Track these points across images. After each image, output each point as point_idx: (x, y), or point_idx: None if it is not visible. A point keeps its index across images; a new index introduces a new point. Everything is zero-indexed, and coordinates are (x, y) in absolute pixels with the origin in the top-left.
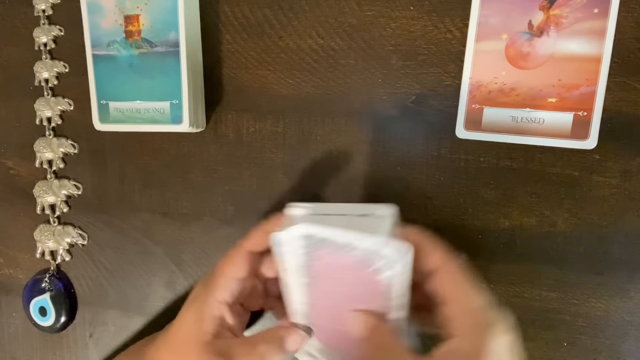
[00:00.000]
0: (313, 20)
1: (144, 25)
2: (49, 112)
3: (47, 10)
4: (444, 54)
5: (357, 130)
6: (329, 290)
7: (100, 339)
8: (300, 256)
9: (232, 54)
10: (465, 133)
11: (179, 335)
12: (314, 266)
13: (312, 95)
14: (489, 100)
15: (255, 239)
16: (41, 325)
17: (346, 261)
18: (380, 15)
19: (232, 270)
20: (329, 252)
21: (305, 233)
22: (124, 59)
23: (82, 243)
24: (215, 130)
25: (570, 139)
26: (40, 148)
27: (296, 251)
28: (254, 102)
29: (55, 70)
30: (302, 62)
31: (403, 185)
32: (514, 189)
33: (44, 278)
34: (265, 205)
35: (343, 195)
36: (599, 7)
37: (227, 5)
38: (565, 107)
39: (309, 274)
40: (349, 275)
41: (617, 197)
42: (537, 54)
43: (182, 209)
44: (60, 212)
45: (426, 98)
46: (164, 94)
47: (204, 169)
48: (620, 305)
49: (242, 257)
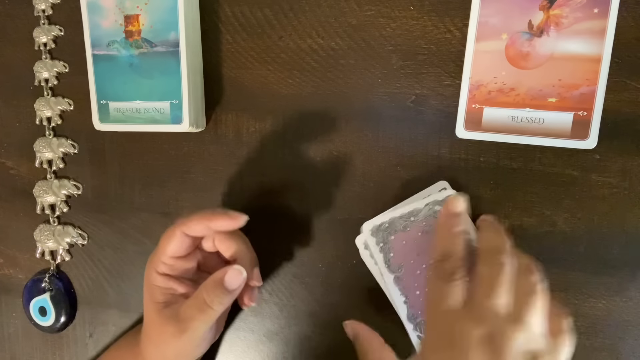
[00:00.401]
0: (313, 20)
1: (144, 25)
2: (49, 112)
3: (47, 10)
4: (444, 54)
5: (357, 130)
6: (419, 268)
7: (100, 339)
8: (381, 250)
9: (232, 54)
10: (465, 133)
11: (144, 313)
12: (396, 255)
13: (312, 95)
14: (489, 100)
15: (193, 226)
16: (41, 325)
17: (415, 234)
18: (380, 15)
19: (169, 248)
20: (398, 234)
21: (371, 227)
22: (124, 59)
23: (82, 243)
24: (215, 130)
25: (570, 138)
26: (40, 148)
27: (376, 246)
28: (254, 102)
29: (55, 70)
30: (302, 62)
31: (403, 185)
32: (514, 189)
33: (44, 278)
34: (266, 205)
35: (343, 195)
36: (599, 7)
37: (227, 5)
38: (565, 107)
39: (396, 265)
40: (424, 244)
41: (617, 197)
42: (537, 54)
43: (182, 209)
44: (60, 212)
45: (426, 98)
46: (164, 94)
47: (204, 169)
48: (620, 305)
49: (178, 237)
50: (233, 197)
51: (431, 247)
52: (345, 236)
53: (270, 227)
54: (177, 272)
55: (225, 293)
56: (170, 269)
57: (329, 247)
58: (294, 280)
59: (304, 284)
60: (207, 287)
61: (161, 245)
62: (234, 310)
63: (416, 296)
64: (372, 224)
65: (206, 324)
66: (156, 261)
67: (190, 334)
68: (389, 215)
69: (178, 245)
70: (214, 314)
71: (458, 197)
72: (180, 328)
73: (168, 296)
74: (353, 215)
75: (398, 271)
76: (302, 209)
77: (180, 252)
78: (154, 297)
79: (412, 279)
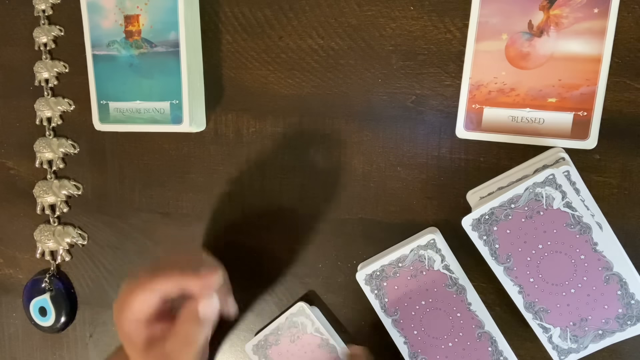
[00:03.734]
0: (313, 20)
1: (144, 25)
2: (49, 112)
3: (47, 10)
4: (444, 54)
5: (357, 130)
6: (413, 310)
7: (100, 339)
8: (376, 297)
9: (232, 54)
10: (465, 133)
11: (128, 355)
12: (390, 300)
13: (312, 95)
14: (489, 100)
15: (163, 285)
16: (41, 325)
17: (405, 279)
18: (380, 15)
19: (135, 307)
20: (389, 280)
21: (364, 277)
22: (124, 59)
23: (82, 243)
24: (215, 130)
25: (570, 139)
26: (40, 148)
27: (371, 293)
28: (254, 102)
29: (55, 70)
30: (302, 62)
31: (403, 185)
32: None
33: (44, 278)
34: (266, 205)
35: (343, 196)
36: (599, 7)
37: (227, 5)
38: (565, 107)
39: (392, 309)
40: (414, 287)
41: (617, 197)
42: (537, 54)
43: (182, 209)
44: (60, 212)
45: (426, 98)
46: (164, 94)
47: (204, 169)
48: None
49: (145, 295)
50: (233, 197)
51: (419, 289)
52: (345, 236)
53: (270, 227)
54: (149, 317)
55: (204, 325)
56: (140, 316)
57: (329, 247)
58: (294, 280)
59: (304, 284)
60: (184, 322)
61: (126, 300)
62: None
63: (414, 336)
64: (364, 274)
65: (196, 355)
66: (125, 314)
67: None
68: (379, 264)
69: (145, 303)
70: (200, 345)
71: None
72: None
73: (147, 337)
74: (353, 215)
75: (394, 314)
76: (302, 209)
77: (148, 309)
78: (133, 343)
79: (408, 320)
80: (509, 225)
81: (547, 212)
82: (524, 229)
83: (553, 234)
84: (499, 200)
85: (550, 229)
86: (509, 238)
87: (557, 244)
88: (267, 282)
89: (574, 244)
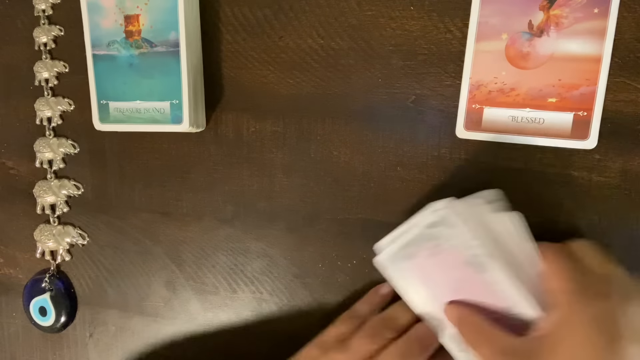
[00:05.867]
0: (313, 20)
1: (144, 25)
2: (49, 112)
3: (47, 10)
4: (444, 54)
5: (357, 130)
6: (438, 287)
7: (100, 339)
8: (403, 277)
9: (232, 54)
10: (465, 133)
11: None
12: (416, 275)
13: (312, 95)
14: (489, 100)
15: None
16: (41, 325)
17: (431, 257)
18: (380, 15)
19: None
20: (414, 259)
21: (386, 256)
22: (124, 59)
23: (82, 243)
24: (215, 130)
25: (570, 139)
26: (40, 148)
27: (396, 273)
28: (254, 102)
29: (55, 70)
30: (302, 62)
31: (403, 185)
32: (514, 189)
33: (44, 278)
34: (266, 205)
35: (343, 196)
36: (599, 7)
37: (227, 5)
38: (565, 107)
39: (422, 285)
40: (437, 266)
41: (617, 197)
42: (537, 54)
43: (182, 209)
44: (60, 212)
45: (426, 98)
46: (164, 94)
47: (204, 169)
48: None
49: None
50: (233, 197)
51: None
52: (345, 236)
53: (270, 227)
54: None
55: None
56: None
57: (329, 247)
58: (294, 280)
59: (304, 284)
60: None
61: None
62: (234, 310)
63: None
64: (387, 253)
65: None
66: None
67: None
68: (399, 242)
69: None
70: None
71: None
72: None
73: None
74: (353, 215)
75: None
76: (302, 209)
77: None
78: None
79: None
80: (423, 260)
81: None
82: (435, 264)
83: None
84: (405, 231)
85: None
86: (421, 268)
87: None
88: (267, 282)
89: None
